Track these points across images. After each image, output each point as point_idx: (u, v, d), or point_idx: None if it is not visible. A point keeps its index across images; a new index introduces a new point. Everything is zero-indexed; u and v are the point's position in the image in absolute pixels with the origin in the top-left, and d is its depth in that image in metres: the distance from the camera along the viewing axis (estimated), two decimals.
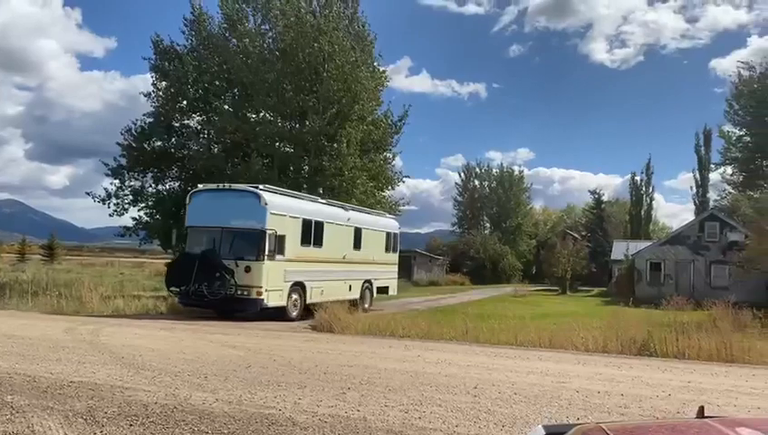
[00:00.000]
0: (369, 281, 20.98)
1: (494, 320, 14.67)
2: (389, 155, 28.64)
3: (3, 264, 43.22)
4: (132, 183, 25.63)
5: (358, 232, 20.17)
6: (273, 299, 15.83)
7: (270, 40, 26.58)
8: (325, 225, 18.30)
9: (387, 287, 22.67)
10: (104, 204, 25.13)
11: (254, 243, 15.73)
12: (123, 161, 25.36)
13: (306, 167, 25.91)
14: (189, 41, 26.53)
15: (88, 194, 25.55)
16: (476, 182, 77.62)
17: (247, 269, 15.46)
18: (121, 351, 8.70)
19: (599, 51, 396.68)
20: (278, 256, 16.00)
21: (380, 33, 28.55)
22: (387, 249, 22.43)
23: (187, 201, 17.34)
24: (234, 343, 10.48)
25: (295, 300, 16.90)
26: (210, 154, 25.26)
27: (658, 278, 36.42)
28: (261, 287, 15.42)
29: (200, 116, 26.59)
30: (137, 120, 25.98)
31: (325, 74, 24.43)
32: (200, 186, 17.74)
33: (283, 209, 16.67)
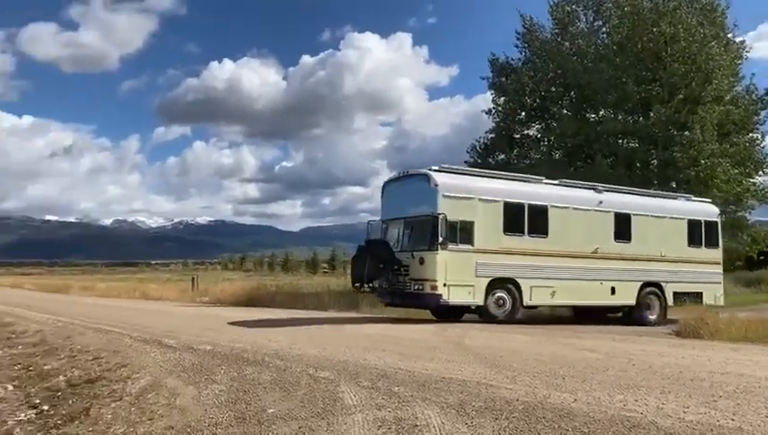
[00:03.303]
0: (655, 284, 16.85)
1: None
2: (757, 135, 25.04)
3: None
4: None
5: (624, 219, 16.58)
6: (456, 295, 14.05)
7: (603, 36, 25.79)
8: (550, 209, 15.51)
9: (699, 293, 17.42)
10: None
11: (426, 231, 14.26)
12: None
13: (654, 161, 24.25)
14: (523, 53, 27.40)
15: None
16: None
17: (421, 261, 14.09)
18: (483, 352, 9.39)
19: None
20: (460, 246, 14.18)
21: None
22: (691, 242, 17.71)
23: (381, 194, 16.38)
24: (589, 346, 10.40)
25: (499, 299, 14.61)
26: (552, 160, 25.50)
27: None
28: (436, 281, 13.81)
29: (539, 124, 27.14)
30: (480, 137, 27.77)
31: (668, 59, 22.64)
32: (391, 175, 16.52)
33: (467, 191, 14.70)
